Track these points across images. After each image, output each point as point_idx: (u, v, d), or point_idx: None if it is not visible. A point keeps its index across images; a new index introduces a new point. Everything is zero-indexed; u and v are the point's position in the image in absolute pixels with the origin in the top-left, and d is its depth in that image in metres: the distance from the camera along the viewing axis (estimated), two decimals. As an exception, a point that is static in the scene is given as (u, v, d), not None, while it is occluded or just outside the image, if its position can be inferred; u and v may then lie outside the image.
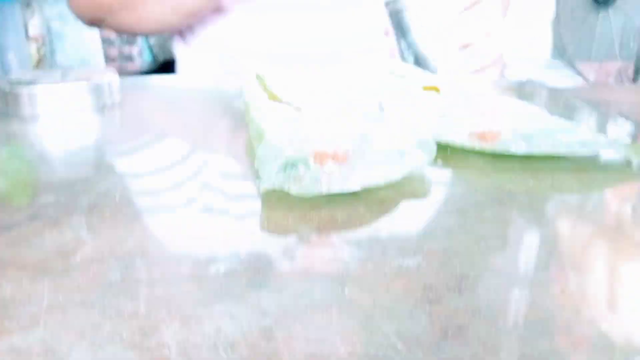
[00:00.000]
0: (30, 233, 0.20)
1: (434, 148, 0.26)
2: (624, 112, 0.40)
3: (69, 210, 0.22)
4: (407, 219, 0.22)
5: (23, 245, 0.19)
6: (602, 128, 0.37)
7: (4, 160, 0.30)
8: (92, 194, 0.24)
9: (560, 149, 0.28)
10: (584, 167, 0.28)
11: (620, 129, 0.36)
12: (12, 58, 1.40)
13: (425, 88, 0.37)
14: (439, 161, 0.28)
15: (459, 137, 0.30)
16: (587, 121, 0.38)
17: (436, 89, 0.37)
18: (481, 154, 0.28)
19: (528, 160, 0.28)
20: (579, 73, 1.45)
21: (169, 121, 0.37)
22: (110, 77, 0.39)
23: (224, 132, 0.35)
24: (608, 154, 0.29)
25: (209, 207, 0.23)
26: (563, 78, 1.52)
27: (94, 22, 0.67)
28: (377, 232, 0.20)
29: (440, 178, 0.26)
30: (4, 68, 1.36)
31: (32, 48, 1.51)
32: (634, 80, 1.32)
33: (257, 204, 0.23)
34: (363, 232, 0.20)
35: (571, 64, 1.45)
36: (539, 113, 0.33)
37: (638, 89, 0.52)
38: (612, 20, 1.34)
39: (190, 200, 0.23)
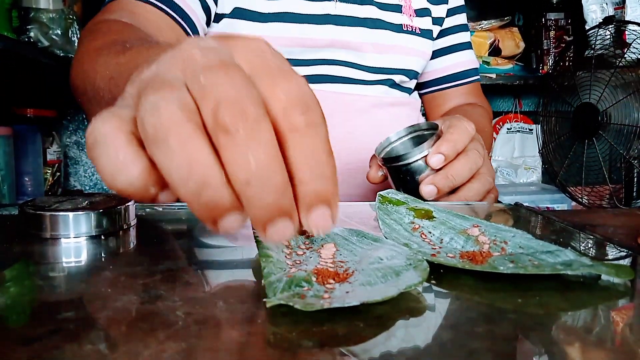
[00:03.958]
0: (51, 346, 0.22)
1: (428, 268, 0.29)
2: (609, 234, 0.42)
3: (88, 325, 0.24)
4: (403, 334, 0.23)
5: (44, 358, 0.21)
6: (587, 250, 0.39)
7: (25, 278, 0.32)
8: (109, 310, 0.25)
9: (545, 270, 0.30)
10: (570, 287, 0.29)
11: (605, 251, 0.39)
12: (27, 181, 1.47)
13: (418, 214, 0.40)
14: (433, 280, 0.30)
15: (451, 258, 0.32)
16: (572, 243, 0.40)
17: (429, 214, 0.40)
18: (472, 273, 0.30)
19: (516, 279, 0.30)
20: (572, 197, 1.50)
21: (180, 243, 0.39)
22: (128, 203, 0.42)
23: (234, 252, 0.37)
24: (592, 274, 0.31)
25: (218, 322, 0.24)
26: (556, 202, 1.57)
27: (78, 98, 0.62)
28: (374, 346, 0.22)
29: (434, 295, 0.28)
30: (19, 191, 1.42)
31: (47, 172, 1.59)
32: (625, 203, 1.37)
33: (263, 320, 0.25)
34: (362, 347, 0.22)
35: (563, 189, 1.51)
36: (526, 236, 0.36)
37: (625, 213, 0.55)
38: (597, 149, 1.42)
39: (200, 317, 0.25)
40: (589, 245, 0.40)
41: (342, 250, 0.33)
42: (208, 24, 0.75)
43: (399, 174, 0.55)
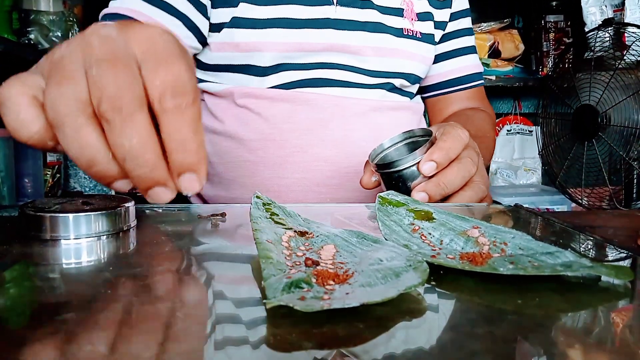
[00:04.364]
0: (51, 347, 0.22)
1: (428, 269, 0.29)
2: (609, 235, 0.43)
3: (88, 326, 0.24)
4: (403, 335, 0.23)
5: (44, 359, 0.21)
6: (587, 251, 0.39)
7: (25, 279, 0.32)
8: (109, 311, 0.25)
9: (545, 271, 0.30)
10: (569, 288, 0.29)
11: (604, 252, 0.39)
12: (27, 183, 1.47)
13: (418, 216, 0.40)
14: (433, 281, 0.30)
15: (451, 260, 0.32)
16: (572, 244, 0.40)
17: (429, 215, 0.40)
18: (472, 274, 0.30)
19: (516, 280, 0.30)
20: (572, 198, 1.50)
21: (181, 244, 0.39)
22: (128, 204, 0.42)
23: (234, 253, 0.37)
24: (592, 275, 0.31)
25: (218, 323, 0.24)
26: (555, 203, 1.57)
27: None
28: (375, 347, 0.22)
29: (434, 297, 0.28)
30: (18, 192, 1.42)
31: (47, 173, 1.59)
32: (624, 204, 1.37)
33: (262, 321, 0.25)
34: (362, 348, 0.22)
35: (563, 190, 1.51)
36: (526, 237, 0.36)
37: (624, 214, 0.55)
38: (597, 150, 1.42)
39: (200, 318, 0.25)
40: (589, 247, 0.40)
41: (342, 251, 0.33)
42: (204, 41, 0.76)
43: (391, 180, 0.55)
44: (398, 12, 0.79)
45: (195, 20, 0.73)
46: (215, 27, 0.74)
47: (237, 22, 0.72)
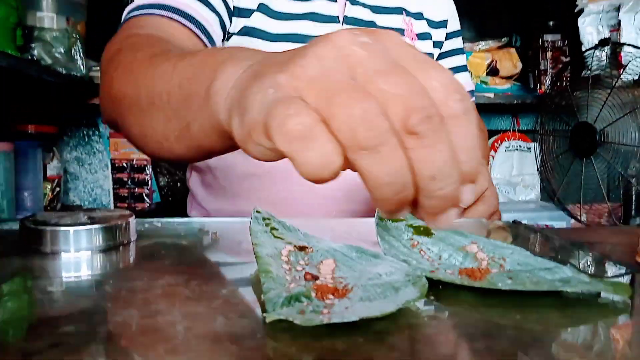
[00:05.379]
0: (51, 360, 0.22)
1: (427, 284, 0.29)
2: (607, 252, 0.43)
3: (88, 339, 0.24)
4: (402, 350, 0.23)
5: (45, 372, 0.21)
6: (585, 267, 0.39)
7: (25, 293, 0.32)
8: (109, 324, 0.25)
9: (544, 286, 0.30)
10: (568, 303, 0.29)
11: (603, 268, 0.39)
12: (26, 196, 1.47)
13: (417, 231, 0.41)
14: (432, 296, 0.30)
15: (450, 274, 0.32)
16: (570, 260, 0.40)
17: (428, 231, 0.40)
18: (470, 289, 0.30)
19: (515, 296, 0.30)
20: (571, 215, 1.50)
21: (180, 259, 0.39)
22: (128, 218, 0.42)
23: (234, 267, 0.37)
24: (591, 291, 0.31)
25: (218, 337, 0.24)
26: (554, 220, 1.57)
27: (111, 123, 0.60)
28: (374, 361, 0.22)
29: (433, 311, 0.28)
30: (18, 206, 1.42)
31: (47, 187, 1.59)
32: (623, 221, 1.37)
33: (263, 335, 0.25)
34: (361, 362, 0.22)
35: (562, 207, 1.51)
36: (524, 253, 0.36)
37: (623, 231, 0.55)
38: (595, 167, 1.42)
39: (200, 331, 0.25)
40: (588, 263, 0.40)
41: (341, 266, 0.33)
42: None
43: None
44: (399, 32, 0.80)
45: (226, 20, 0.70)
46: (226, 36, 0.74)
47: (248, 32, 0.72)
